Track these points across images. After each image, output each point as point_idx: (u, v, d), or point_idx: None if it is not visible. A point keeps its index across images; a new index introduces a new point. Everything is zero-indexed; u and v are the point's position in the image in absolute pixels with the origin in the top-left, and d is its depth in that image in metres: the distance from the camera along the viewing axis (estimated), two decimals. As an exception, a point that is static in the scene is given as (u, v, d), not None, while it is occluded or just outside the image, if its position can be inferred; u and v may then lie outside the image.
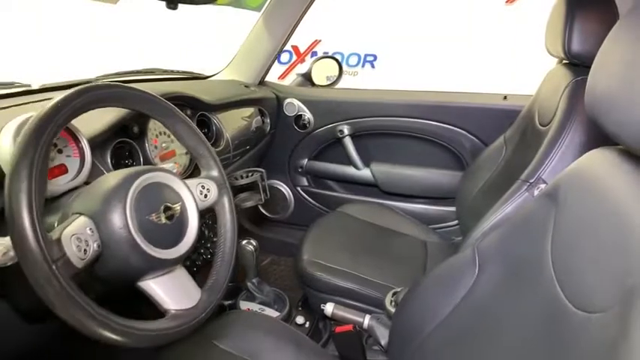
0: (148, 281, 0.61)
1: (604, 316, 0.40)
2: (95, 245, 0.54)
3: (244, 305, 1.29)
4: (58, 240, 0.49)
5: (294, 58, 4.51)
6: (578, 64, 1.05)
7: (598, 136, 0.55)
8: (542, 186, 0.96)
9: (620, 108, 0.48)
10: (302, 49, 4.51)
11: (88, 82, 1.28)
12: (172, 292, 0.62)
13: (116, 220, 0.55)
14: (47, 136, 0.51)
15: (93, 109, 0.59)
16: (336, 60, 1.89)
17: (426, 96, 1.65)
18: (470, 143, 1.57)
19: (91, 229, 0.54)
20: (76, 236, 0.51)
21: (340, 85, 1.96)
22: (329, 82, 1.90)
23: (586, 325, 0.42)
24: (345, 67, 5.02)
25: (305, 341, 0.94)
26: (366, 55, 4.73)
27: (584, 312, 0.43)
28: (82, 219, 0.54)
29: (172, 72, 1.58)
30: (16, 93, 1.05)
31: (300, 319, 1.28)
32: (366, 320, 1.01)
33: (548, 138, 1.00)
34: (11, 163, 0.48)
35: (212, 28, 3.65)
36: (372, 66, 4.75)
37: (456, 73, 3.94)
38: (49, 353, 0.96)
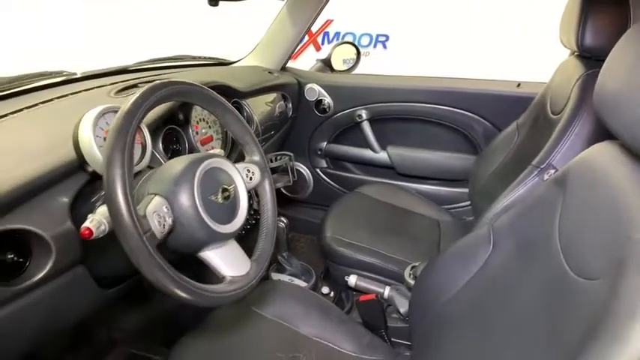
0: (207, 252, 0.71)
1: (599, 282, 0.49)
2: (170, 221, 0.63)
3: (275, 276, 1.40)
4: (144, 216, 0.59)
5: (306, 38, 4.53)
6: (590, 57, 1.11)
7: (605, 128, 0.62)
8: (552, 171, 1.04)
9: (624, 109, 0.55)
10: (314, 30, 4.52)
11: (125, 68, 1.38)
12: (228, 262, 0.72)
13: (185, 199, 0.65)
14: (134, 126, 0.60)
15: (167, 102, 0.68)
16: (355, 45, 1.96)
17: (442, 82, 1.72)
18: (483, 128, 1.65)
19: (166, 207, 0.63)
20: (157, 213, 0.61)
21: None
22: (346, 66, 1.96)
23: (584, 289, 0.52)
24: (356, 48, 4.98)
25: (332, 308, 1.05)
26: (378, 36, 4.73)
27: (583, 279, 0.53)
28: (158, 199, 0.64)
29: (200, 58, 1.67)
30: (65, 81, 1.15)
31: (325, 289, 1.39)
32: (387, 291, 1.12)
33: (559, 126, 1.07)
34: (106, 152, 0.58)
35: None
36: (384, 46, 4.75)
37: (469, 54, 3.95)
38: (108, 315, 1.09)
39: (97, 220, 0.61)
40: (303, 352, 0.92)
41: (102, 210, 0.63)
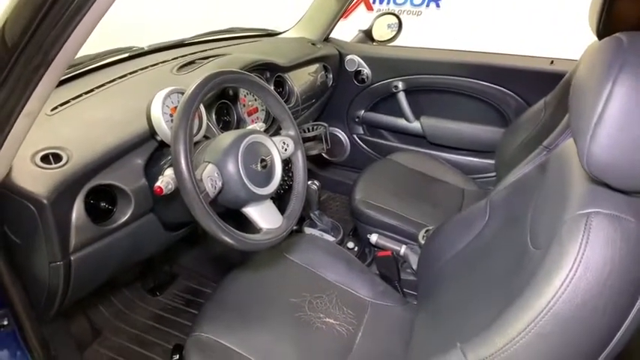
0: (248, 208, 0.89)
1: (540, 251, 0.62)
2: (220, 184, 0.82)
3: (308, 231, 1.60)
4: (201, 180, 0.78)
5: (358, -3, 4.50)
6: None
7: None
8: (558, 154, 1.11)
9: (574, 106, 0.60)
10: (365, -14, 4.47)
11: (182, 41, 1.55)
12: (264, 217, 0.90)
13: (232, 167, 0.83)
14: (193, 110, 0.77)
15: (220, 88, 0.84)
16: (397, 16, 2.01)
17: (476, 56, 1.77)
18: (515, 103, 1.69)
19: (217, 173, 0.81)
20: (210, 177, 0.79)
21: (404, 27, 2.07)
22: (390, 31, 2.02)
23: (531, 256, 0.65)
24: (408, 7, 4.93)
25: (354, 261, 1.22)
26: (431, -6, 4.59)
27: (533, 248, 0.66)
28: (211, 166, 0.82)
29: (249, 30, 1.81)
30: (135, 55, 1.34)
31: (350, 244, 1.57)
32: (403, 249, 1.28)
33: None
34: (173, 130, 0.75)
35: None
36: (437, 5, 4.62)
37: (526, 17, 3.79)
38: (170, 254, 1.32)
39: (165, 181, 0.80)
40: (326, 293, 1.10)
41: (169, 172, 0.82)
